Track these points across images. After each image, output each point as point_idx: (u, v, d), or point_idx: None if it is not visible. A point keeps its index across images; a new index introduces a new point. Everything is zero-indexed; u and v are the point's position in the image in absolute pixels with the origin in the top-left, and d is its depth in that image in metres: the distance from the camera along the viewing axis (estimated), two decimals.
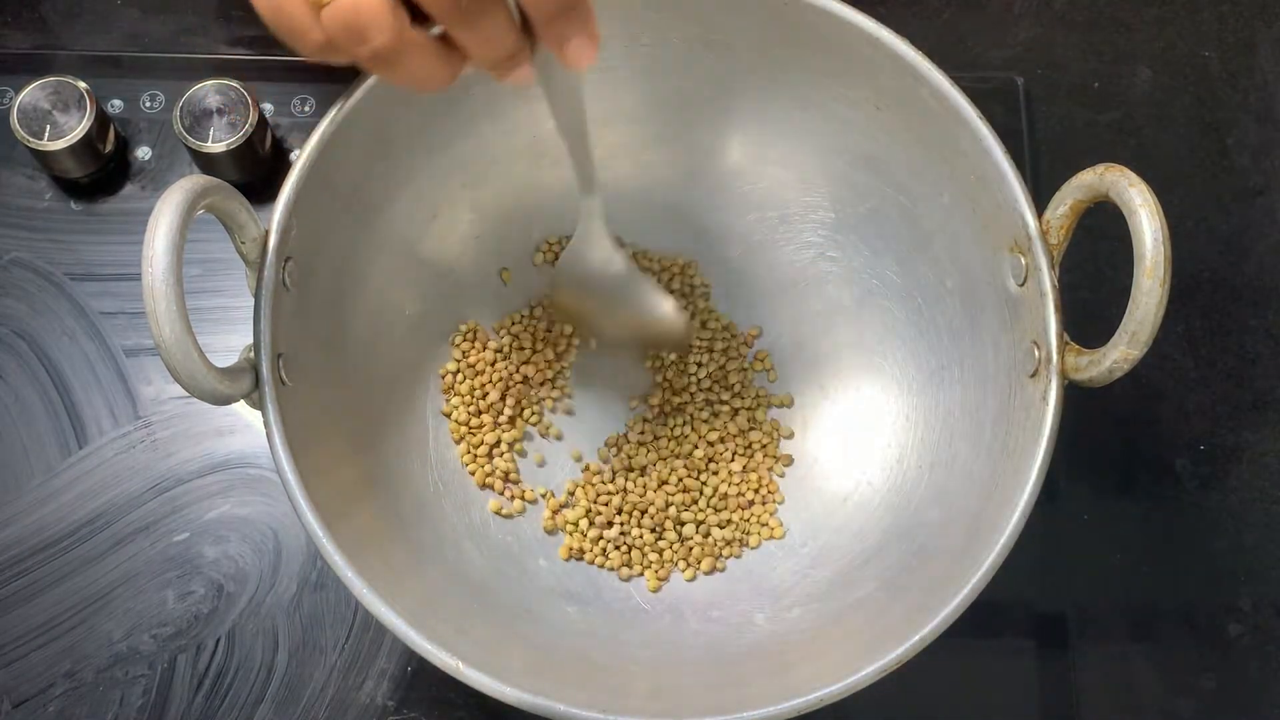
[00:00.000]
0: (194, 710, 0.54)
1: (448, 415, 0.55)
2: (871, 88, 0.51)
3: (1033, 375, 0.46)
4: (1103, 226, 0.49)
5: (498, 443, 0.55)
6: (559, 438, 0.57)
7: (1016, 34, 0.68)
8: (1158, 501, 0.60)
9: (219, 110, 0.59)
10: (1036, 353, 0.46)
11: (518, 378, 0.56)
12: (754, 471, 0.56)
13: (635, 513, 0.55)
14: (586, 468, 0.56)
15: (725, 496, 0.55)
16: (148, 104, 0.62)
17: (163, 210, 0.39)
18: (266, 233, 0.45)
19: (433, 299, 0.56)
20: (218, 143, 0.58)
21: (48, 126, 0.58)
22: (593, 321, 0.55)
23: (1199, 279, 0.63)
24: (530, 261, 0.58)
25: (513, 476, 0.55)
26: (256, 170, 0.60)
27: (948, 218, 0.52)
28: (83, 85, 0.59)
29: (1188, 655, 0.57)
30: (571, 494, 0.55)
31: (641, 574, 0.54)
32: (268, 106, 0.62)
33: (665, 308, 0.52)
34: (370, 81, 0.47)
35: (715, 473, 0.56)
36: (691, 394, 0.57)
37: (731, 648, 0.51)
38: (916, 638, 0.42)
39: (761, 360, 0.58)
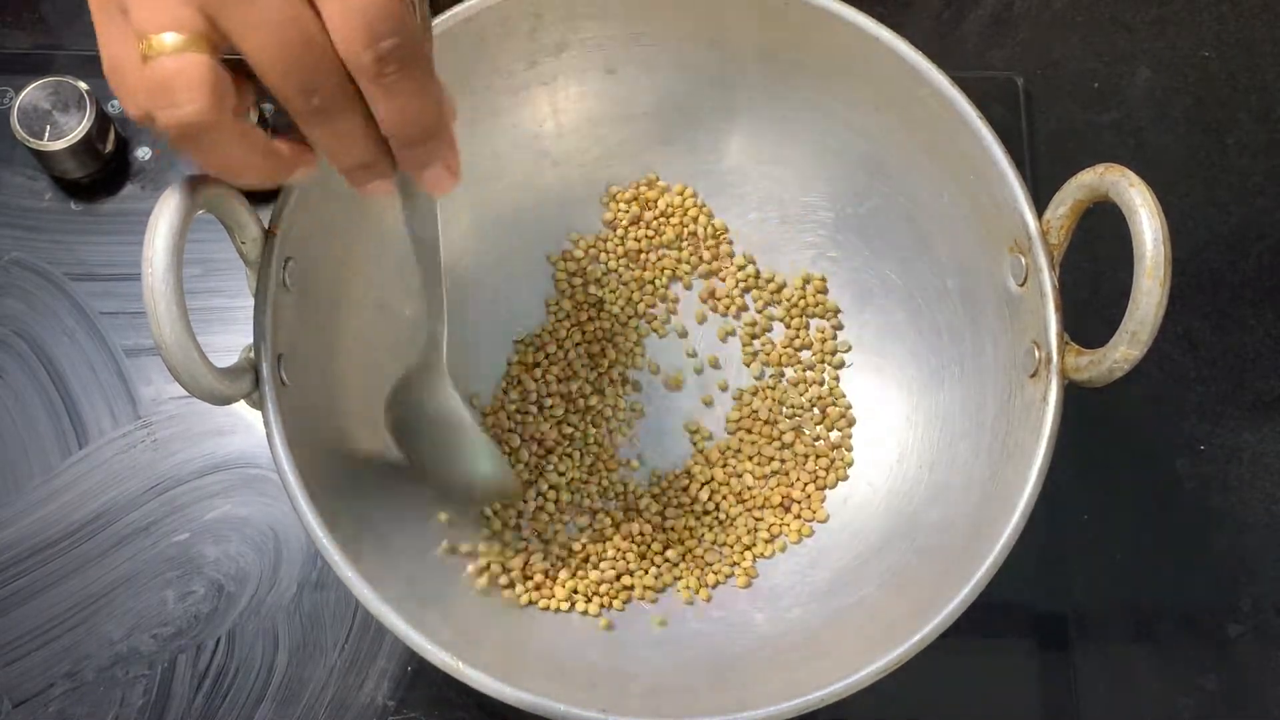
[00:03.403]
0: (194, 710, 0.54)
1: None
2: (871, 88, 0.51)
3: (1033, 375, 0.46)
4: (1103, 226, 0.49)
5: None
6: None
7: (1016, 34, 0.68)
8: (1158, 501, 0.60)
9: None
10: (1037, 353, 0.46)
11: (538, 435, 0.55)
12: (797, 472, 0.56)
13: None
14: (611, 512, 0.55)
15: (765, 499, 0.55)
16: None
17: (163, 210, 0.39)
18: (266, 233, 0.45)
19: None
20: None
21: (48, 126, 0.58)
22: (419, 459, 0.51)
23: (1199, 279, 0.63)
24: (530, 263, 0.58)
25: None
26: None
27: (948, 218, 0.52)
28: (83, 85, 0.59)
29: (1188, 655, 0.57)
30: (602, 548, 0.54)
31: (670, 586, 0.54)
32: (267, 106, 0.62)
33: (494, 464, 0.50)
34: None
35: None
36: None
37: (731, 648, 0.51)
38: (916, 638, 0.42)
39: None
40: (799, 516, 0.54)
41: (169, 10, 0.32)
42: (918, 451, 0.53)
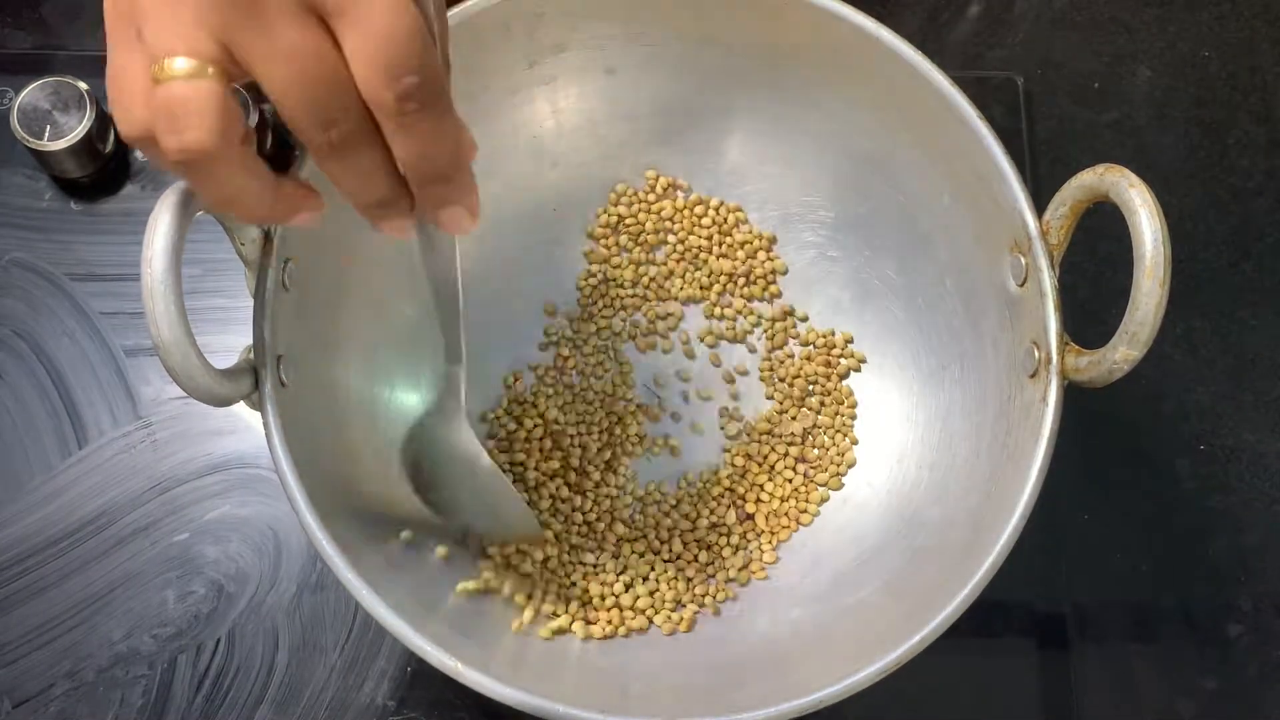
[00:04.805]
0: (194, 710, 0.54)
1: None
2: (871, 88, 0.51)
3: (1033, 376, 0.46)
4: (1103, 226, 0.49)
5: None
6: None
7: (1016, 34, 0.68)
8: (1158, 501, 0.60)
9: None
10: (1036, 353, 0.46)
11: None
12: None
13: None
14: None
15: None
16: None
17: (162, 210, 0.39)
18: (266, 233, 0.45)
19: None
20: None
21: (48, 126, 0.58)
22: (435, 499, 0.50)
23: (1199, 279, 0.63)
24: (530, 264, 0.58)
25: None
26: None
27: (948, 218, 0.52)
28: (83, 85, 0.59)
29: (1188, 655, 0.57)
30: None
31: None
32: (267, 106, 0.62)
33: (517, 508, 0.49)
34: None
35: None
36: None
37: (731, 648, 0.51)
38: (916, 638, 0.42)
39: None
40: (800, 518, 0.54)
41: (185, 35, 0.31)
42: (918, 451, 0.53)
